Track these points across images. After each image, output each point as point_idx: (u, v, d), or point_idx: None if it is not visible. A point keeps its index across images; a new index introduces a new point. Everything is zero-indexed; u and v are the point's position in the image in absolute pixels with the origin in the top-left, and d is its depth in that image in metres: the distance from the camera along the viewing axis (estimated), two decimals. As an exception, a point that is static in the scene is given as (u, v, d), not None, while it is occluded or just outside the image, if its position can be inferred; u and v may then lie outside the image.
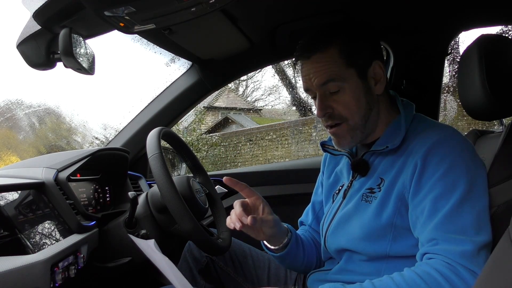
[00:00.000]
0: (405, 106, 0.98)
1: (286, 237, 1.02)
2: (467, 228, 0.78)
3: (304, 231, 1.16)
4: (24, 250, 0.87)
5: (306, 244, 1.09)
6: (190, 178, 1.25)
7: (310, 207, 1.18)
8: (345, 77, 0.91)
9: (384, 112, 0.97)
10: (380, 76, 0.95)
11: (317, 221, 1.15)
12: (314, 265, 1.11)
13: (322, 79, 0.91)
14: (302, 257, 1.07)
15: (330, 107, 0.93)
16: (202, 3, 0.81)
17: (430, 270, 0.75)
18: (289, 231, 1.04)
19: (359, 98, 0.92)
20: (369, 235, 0.90)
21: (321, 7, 1.25)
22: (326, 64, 0.91)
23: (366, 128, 0.95)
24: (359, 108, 0.93)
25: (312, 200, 1.18)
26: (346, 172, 1.04)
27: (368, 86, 0.94)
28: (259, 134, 8.92)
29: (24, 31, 0.99)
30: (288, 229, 1.04)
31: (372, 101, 0.94)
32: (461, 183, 0.81)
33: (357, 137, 0.95)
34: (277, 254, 1.03)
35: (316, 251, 1.12)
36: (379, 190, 0.91)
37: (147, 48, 1.49)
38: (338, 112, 0.93)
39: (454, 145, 0.86)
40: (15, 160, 4.79)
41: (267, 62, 1.76)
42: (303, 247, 1.07)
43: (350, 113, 0.93)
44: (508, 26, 3.93)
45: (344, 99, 0.92)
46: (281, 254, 1.02)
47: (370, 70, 0.94)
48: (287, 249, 1.02)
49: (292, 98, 12.50)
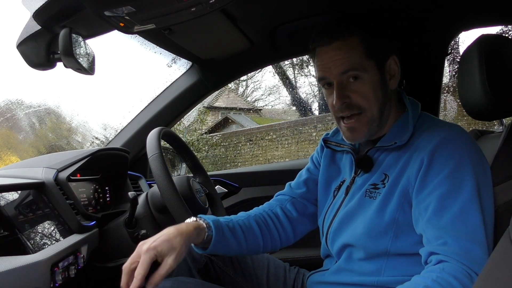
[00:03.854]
0: (412, 104, 0.98)
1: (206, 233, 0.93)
2: (475, 228, 0.78)
3: (270, 208, 1.11)
4: (24, 250, 0.87)
5: (246, 232, 1.02)
6: (190, 178, 1.25)
7: (302, 181, 1.14)
8: (365, 67, 0.91)
9: (394, 108, 0.98)
10: (395, 71, 0.96)
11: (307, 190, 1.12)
12: (263, 249, 1.06)
13: (344, 67, 0.90)
14: (236, 245, 1.00)
15: (348, 96, 0.92)
16: (202, 3, 0.81)
17: (450, 279, 0.73)
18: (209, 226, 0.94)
19: (376, 90, 0.92)
20: (371, 231, 0.89)
21: (321, 7, 1.25)
22: (348, 52, 0.90)
23: (382, 122, 0.95)
24: (377, 100, 0.92)
25: (306, 177, 1.14)
26: (348, 167, 1.03)
27: (385, 80, 0.94)
28: (259, 134, 8.93)
29: (24, 31, 0.99)
30: (208, 225, 0.94)
31: (387, 95, 0.95)
32: (468, 182, 0.81)
33: (372, 130, 0.95)
34: (202, 252, 0.97)
35: (269, 235, 1.06)
36: (384, 186, 0.91)
37: (147, 48, 1.49)
38: (356, 102, 0.92)
39: (461, 143, 0.86)
40: (15, 160, 4.80)
41: (267, 62, 1.76)
42: (235, 236, 0.99)
43: (368, 103, 0.92)
44: (508, 26, 3.93)
45: (363, 89, 0.91)
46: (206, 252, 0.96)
47: (387, 64, 0.94)
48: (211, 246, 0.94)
49: (292, 98, 12.53)
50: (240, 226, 1.02)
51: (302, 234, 1.14)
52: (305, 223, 1.13)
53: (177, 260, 0.82)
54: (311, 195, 1.12)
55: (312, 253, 1.59)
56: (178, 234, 0.84)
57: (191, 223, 0.91)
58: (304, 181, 1.13)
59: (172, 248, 0.81)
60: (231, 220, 1.02)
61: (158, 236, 0.83)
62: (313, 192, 1.12)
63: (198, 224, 0.92)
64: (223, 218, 1.01)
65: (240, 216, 1.07)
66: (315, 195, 1.12)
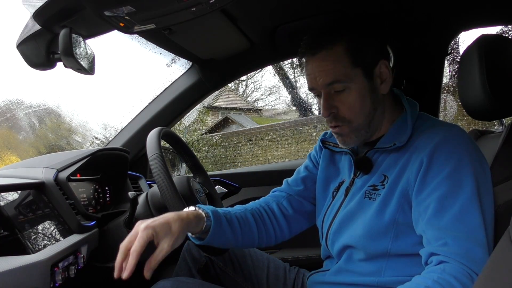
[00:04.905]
0: (410, 104, 0.97)
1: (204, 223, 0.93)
2: (476, 229, 0.78)
3: (266, 203, 1.11)
4: (24, 250, 0.87)
5: (242, 224, 1.02)
6: (190, 178, 1.25)
7: (299, 178, 1.14)
8: (351, 77, 0.90)
9: (389, 110, 0.97)
10: (386, 75, 0.94)
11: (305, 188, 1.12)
12: (258, 243, 1.06)
13: (328, 79, 0.90)
14: (232, 238, 1.00)
15: (335, 107, 0.92)
16: (202, 3, 0.81)
17: (451, 280, 0.73)
18: (208, 216, 0.95)
19: (364, 99, 0.92)
20: (371, 232, 0.89)
21: (321, 7, 1.25)
22: (332, 63, 0.90)
23: (371, 127, 0.95)
24: (364, 109, 0.92)
25: (303, 175, 1.14)
26: (347, 168, 1.03)
27: (374, 85, 0.93)
28: (259, 134, 8.92)
29: (24, 31, 0.99)
30: (208, 215, 0.95)
31: (377, 100, 0.94)
32: (468, 182, 0.81)
33: (361, 136, 0.95)
34: (198, 242, 0.97)
35: (264, 230, 1.07)
36: (383, 187, 0.91)
37: (147, 48, 1.49)
38: (342, 114, 0.92)
39: (460, 143, 0.86)
40: (15, 160, 4.79)
41: (267, 62, 1.76)
42: (231, 228, 0.99)
43: (354, 115, 0.92)
44: (508, 26, 3.93)
45: (349, 99, 0.91)
46: (202, 242, 0.96)
47: (376, 69, 0.93)
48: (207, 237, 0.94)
49: (292, 98, 12.52)
50: (237, 219, 1.02)
51: (297, 231, 1.14)
52: (301, 221, 1.12)
53: (173, 245, 0.81)
54: (308, 193, 1.12)
55: (312, 253, 1.59)
56: (177, 219, 0.84)
57: (191, 212, 0.91)
58: (302, 179, 1.13)
59: (169, 231, 0.81)
60: (228, 212, 1.02)
61: (158, 218, 0.83)
62: (311, 190, 1.12)
63: (198, 213, 0.92)
64: (221, 209, 1.01)
65: (237, 208, 1.07)
66: (312, 193, 1.11)
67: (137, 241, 0.77)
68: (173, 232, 0.82)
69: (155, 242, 0.80)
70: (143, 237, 0.77)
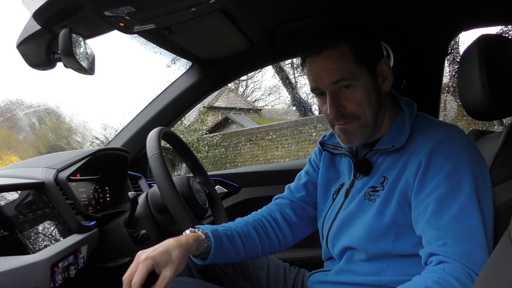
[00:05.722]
0: (408, 105, 0.97)
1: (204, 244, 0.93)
2: (475, 229, 0.78)
3: (269, 212, 1.11)
4: (24, 250, 0.87)
5: (244, 239, 1.02)
6: (190, 178, 1.25)
7: (301, 184, 1.14)
8: (357, 74, 0.90)
9: (389, 110, 0.97)
10: (387, 73, 0.95)
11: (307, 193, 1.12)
12: (262, 254, 1.07)
13: (334, 78, 0.90)
14: (234, 254, 1.00)
15: (342, 105, 0.92)
16: (202, 3, 0.81)
17: (451, 280, 0.73)
18: (208, 236, 0.94)
19: (370, 95, 0.92)
20: (371, 233, 0.90)
21: (321, 7, 1.25)
22: (338, 61, 0.89)
23: (376, 126, 0.95)
24: (371, 105, 0.92)
25: (305, 180, 1.14)
26: (347, 171, 1.03)
27: (377, 83, 0.93)
28: (259, 134, 8.92)
29: (24, 31, 0.99)
30: (207, 235, 0.94)
31: (380, 98, 0.94)
32: (467, 183, 0.81)
33: (367, 133, 0.95)
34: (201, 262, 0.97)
35: (267, 241, 1.07)
36: (383, 189, 0.91)
37: (147, 48, 1.49)
38: (350, 110, 0.92)
39: (459, 143, 0.86)
40: (15, 160, 4.79)
41: (267, 62, 1.76)
42: (233, 244, 0.99)
43: (362, 110, 0.92)
44: (508, 26, 3.93)
45: (356, 96, 0.91)
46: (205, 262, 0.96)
47: (378, 67, 0.94)
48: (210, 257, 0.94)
49: (292, 98, 12.52)
50: (239, 234, 1.02)
51: (301, 237, 1.14)
52: (304, 226, 1.13)
53: (175, 272, 0.82)
54: (310, 198, 1.12)
55: (312, 253, 1.59)
56: (177, 246, 0.84)
57: (190, 236, 0.91)
58: (303, 184, 1.13)
59: (170, 259, 0.82)
60: (229, 228, 1.02)
61: (157, 247, 0.84)
62: (313, 195, 1.12)
63: (197, 236, 0.92)
64: (221, 226, 1.01)
65: (238, 223, 1.06)
66: (314, 198, 1.11)
67: (137, 274, 0.78)
68: (174, 260, 0.82)
69: (157, 271, 0.81)
70: (142, 269, 0.79)
